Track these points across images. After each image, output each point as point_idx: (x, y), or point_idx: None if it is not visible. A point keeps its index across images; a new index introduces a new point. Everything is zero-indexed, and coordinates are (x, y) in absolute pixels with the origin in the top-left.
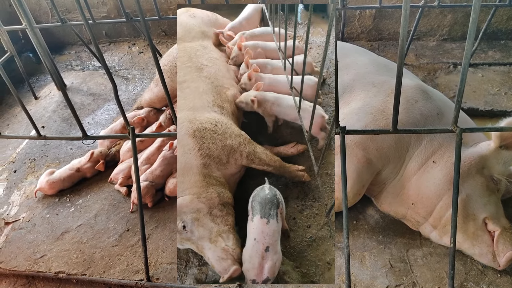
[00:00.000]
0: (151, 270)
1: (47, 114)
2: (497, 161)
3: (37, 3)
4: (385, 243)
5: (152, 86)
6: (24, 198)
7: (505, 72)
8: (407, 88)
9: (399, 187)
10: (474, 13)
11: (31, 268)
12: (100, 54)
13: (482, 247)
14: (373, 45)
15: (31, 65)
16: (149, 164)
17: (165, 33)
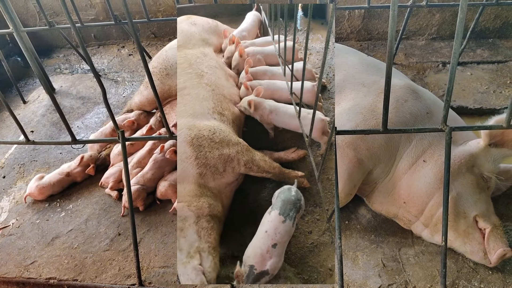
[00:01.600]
0: (143, 274)
1: (36, 118)
2: (487, 159)
3: (24, 6)
4: (377, 242)
5: (142, 88)
6: (13, 204)
7: (493, 70)
8: (396, 88)
9: (390, 186)
10: (462, 12)
11: (21, 275)
12: (88, 58)
13: (473, 244)
14: (363, 45)
15: (19, 69)
16: (140, 167)
17: (154, 35)
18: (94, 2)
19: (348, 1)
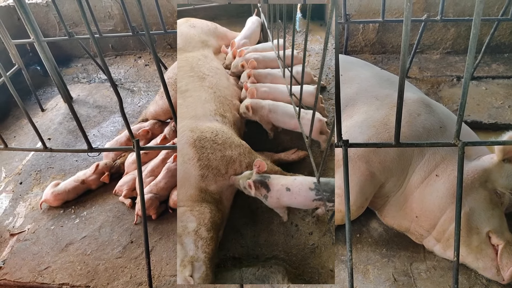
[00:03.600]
0: (155, 282)
1: (53, 126)
2: (500, 174)
3: (45, 17)
4: (388, 256)
5: (157, 98)
6: (29, 210)
7: (508, 85)
8: (409, 102)
9: (402, 200)
10: (475, 28)
11: (35, 280)
12: (106, 68)
13: (486, 261)
14: (377, 58)
15: (38, 77)
16: (154, 176)
17: (170, 46)
18: (113, 14)
19: (362, 15)
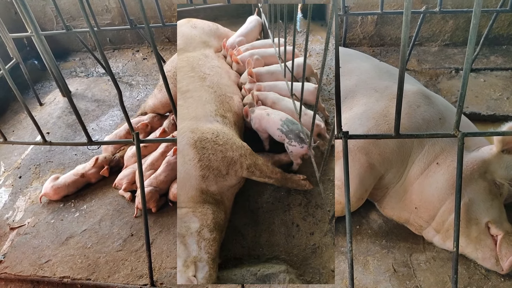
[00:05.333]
0: (155, 274)
1: (52, 120)
2: (499, 165)
3: (42, 10)
4: (388, 247)
5: (156, 92)
6: (29, 204)
7: (507, 77)
8: (409, 93)
9: (402, 191)
10: (475, 18)
11: (36, 273)
12: (105, 61)
13: (485, 251)
14: (375, 50)
15: (36, 72)
16: (153, 169)
17: (168, 40)
18: (110, 7)
19: (361, 7)
